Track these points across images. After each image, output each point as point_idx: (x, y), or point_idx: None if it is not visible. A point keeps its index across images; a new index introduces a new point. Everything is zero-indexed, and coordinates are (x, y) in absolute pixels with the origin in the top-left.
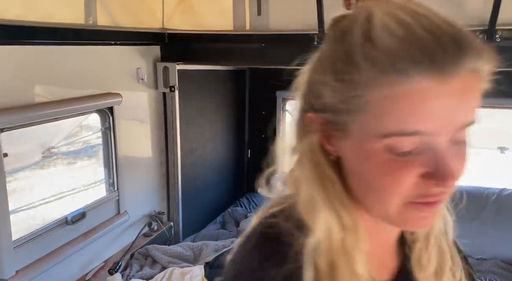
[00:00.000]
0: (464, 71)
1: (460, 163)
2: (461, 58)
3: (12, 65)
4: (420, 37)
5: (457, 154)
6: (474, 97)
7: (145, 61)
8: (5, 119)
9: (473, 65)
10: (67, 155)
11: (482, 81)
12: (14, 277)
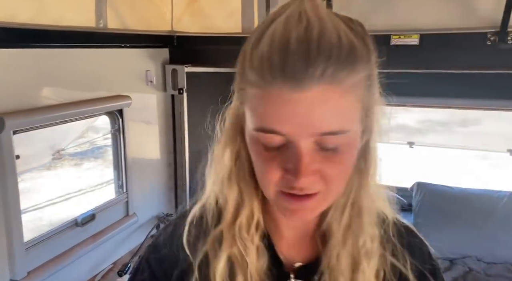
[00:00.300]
0: (318, 82)
1: (329, 167)
2: (308, 70)
3: (24, 68)
4: (283, 48)
5: (326, 159)
6: (335, 106)
7: (154, 64)
8: (18, 122)
9: (327, 77)
10: (74, 156)
11: (349, 91)
12: (26, 278)
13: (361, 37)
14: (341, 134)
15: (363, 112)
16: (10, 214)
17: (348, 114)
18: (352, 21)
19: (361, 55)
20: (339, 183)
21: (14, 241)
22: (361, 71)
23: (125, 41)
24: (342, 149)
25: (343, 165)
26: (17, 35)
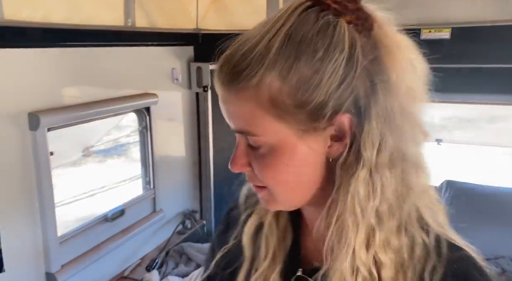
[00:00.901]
0: (222, 87)
1: (256, 166)
2: (214, 75)
3: (56, 67)
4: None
5: (255, 158)
6: (235, 110)
7: (179, 62)
8: (52, 119)
9: (227, 83)
10: (98, 153)
11: (247, 97)
12: (60, 271)
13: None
14: (249, 135)
15: (282, 118)
16: (45, 208)
17: (250, 118)
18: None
19: (259, 59)
20: (274, 183)
21: (49, 235)
22: (266, 77)
23: (152, 39)
24: (266, 151)
25: (270, 168)
26: (51, 35)
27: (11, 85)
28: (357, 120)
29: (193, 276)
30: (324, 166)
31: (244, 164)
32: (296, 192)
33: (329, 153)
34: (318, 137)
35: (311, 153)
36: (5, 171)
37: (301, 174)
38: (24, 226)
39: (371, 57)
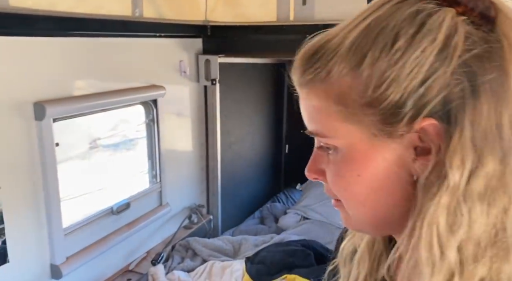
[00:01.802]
0: (298, 85)
1: (328, 173)
2: (294, 73)
3: (62, 57)
4: None
5: (329, 164)
6: (308, 109)
7: (187, 54)
8: (58, 110)
9: (302, 80)
10: (106, 147)
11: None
12: (65, 263)
13: (379, 33)
14: (318, 136)
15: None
16: (50, 200)
17: (319, 117)
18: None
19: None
20: (346, 195)
21: (54, 227)
22: (335, 70)
23: (159, 30)
24: (338, 157)
25: (341, 176)
26: (57, 24)
27: (16, 74)
28: (445, 128)
29: (198, 271)
30: (405, 184)
31: (316, 171)
32: (367, 211)
33: (411, 168)
34: (395, 145)
35: (386, 164)
36: (11, 162)
37: (375, 190)
38: (29, 217)
39: (479, 51)
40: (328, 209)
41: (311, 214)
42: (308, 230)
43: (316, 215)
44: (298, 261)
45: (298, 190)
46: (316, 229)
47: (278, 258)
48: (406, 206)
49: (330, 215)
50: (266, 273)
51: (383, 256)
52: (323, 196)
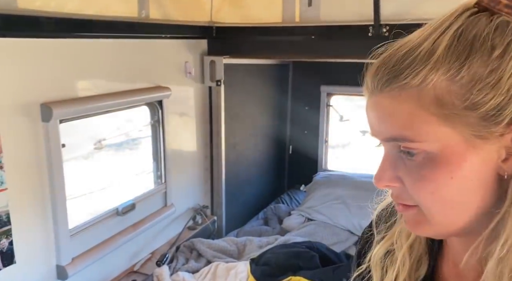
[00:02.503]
0: (379, 91)
1: (409, 180)
2: (373, 79)
3: (68, 59)
4: None
5: (408, 171)
6: (393, 114)
7: (193, 55)
8: (64, 111)
9: (384, 86)
10: (109, 147)
11: (409, 100)
12: (70, 264)
13: (463, 37)
14: (406, 141)
15: (451, 124)
16: (56, 201)
17: (409, 122)
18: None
19: (424, 59)
20: (430, 200)
21: (60, 228)
22: (432, 76)
23: (165, 31)
24: (425, 161)
25: (428, 181)
26: (64, 25)
27: (23, 76)
28: None
29: (203, 272)
30: (492, 184)
31: (392, 178)
32: (455, 213)
33: (501, 168)
34: (492, 146)
35: (483, 165)
36: (17, 163)
37: (466, 191)
38: (36, 218)
39: None
40: (333, 211)
41: (316, 216)
42: (312, 231)
43: (320, 217)
44: (303, 262)
45: (302, 191)
46: (321, 231)
47: (283, 260)
48: (491, 207)
49: (335, 216)
50: (270, 274)
51: (424, 257)
52: (328, 197)
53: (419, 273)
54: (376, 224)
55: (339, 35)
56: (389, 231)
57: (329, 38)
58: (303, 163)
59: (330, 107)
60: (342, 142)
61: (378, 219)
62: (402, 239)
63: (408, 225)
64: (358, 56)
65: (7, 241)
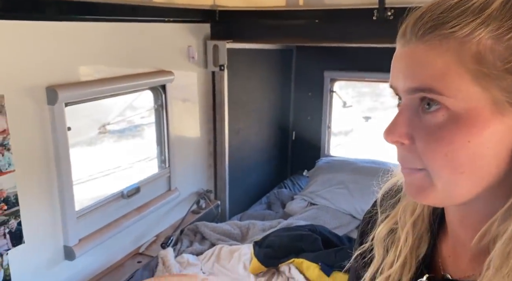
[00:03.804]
0: (415, 40)
1: (422, 139)
2: (411, 28)
3: (72, 42)
4: None
5: (424, 130)
6: (427, 64)
7: (196, 39)
8: (69, 94)
9: (421, 35)
10: (112, 133)
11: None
12: (77, 245)
13: None
14: (433, 94)
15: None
16: (63, 182)
17: (442, 73)
18: None
19: (476, 11)
20: (442, 163)
21: (67, 210)
22: (479, 31)
23: (168, 15)
24: (446, 119)
25: (444, 141)
26: (67, 8)
27: (28, 59)
28: None
29: (207, 255)
30: (509, 158)
31: (404, 134)
32: (464, 180)
33: None
34: None
35: (505, 135)
36: (25, 146)
37: (480, 158)
38: (43, 200)
39: None
40: (335, 195)
41: (318, 200)
42: (315, 215)
43: (323, 201)
44: (306, 245)
45: (305, 177)
46: (323, 215)
47: (286, 242)
48: (499, 183)
49: (337, 201)
50: (273, 256)
51: (425, 235)
52: (330, 182)
53: (420, 251)
54: (380, 204)
55: (343, 19)
56: (393, 210)
57: (333, 22)
58: (306, 149)
59: (333, 93)
60: (345, 129)
61: (382, 198)
62: (406, 216)
63: (411, 192)
64: (362, 40)
65: (16, 222)
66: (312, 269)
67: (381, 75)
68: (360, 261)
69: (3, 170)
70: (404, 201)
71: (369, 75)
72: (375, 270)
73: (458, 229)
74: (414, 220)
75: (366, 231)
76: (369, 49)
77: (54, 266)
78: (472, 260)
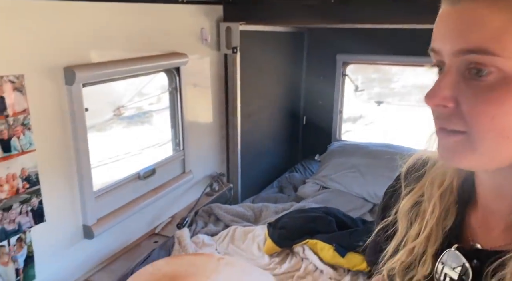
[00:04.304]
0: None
1: (468, 102)
2: None
3: (88, 22)
4: None
5: (471, 93)
6: (480, 23)
7: (209, 21)
8: (87, 75)
9: None
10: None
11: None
12: (96, 224)
13: None
14: (487, 54)
15: None
16: (81, 162)
17: (500, 33)
18: None
19: None
20: (486, 127)
21: (85, 190)
22: None
23: None
24: (497, 81)
25: (493, 104)
26: None
27: (46, 39)
28: None
29: (221, 235)
30: None
31: (448, 97)
32: (506, 145)
33: None
34: None
35: None
36: (44, 125)
37: None
38: (62, 179)
39: None
40: (347, 179)
41: (330, 184)
42: (327, 198)
43: (335, 185)
44: (320, 227)
45: (316, 161)
46: (335, 198)
47: (300, 224)
48: None
49: (349, 184)
50: (288, 237)
51: (453, 206)
52: (342, 166)
53: (447, 223)
54: (404, 177)
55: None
56: (417, 183)
57: (349, 2)
58: (316, 134)
59: (345, 77)
60: (354, 116)
61: (407, 172)
62: (433, 188)
63: (446, 154)
64: (378, 21)
65: (37, 200)
66: (326, 250)
67: (396, 58)
68: (383, 235)
69: (24, 149)
70: (432, 173)
71: (383, 58)
72: (398, 243)
73: (491, 200)
74: (442, 192)
75: (389, 205)
76: (383, 30)
77: (74, 244)
78: (505, 230)
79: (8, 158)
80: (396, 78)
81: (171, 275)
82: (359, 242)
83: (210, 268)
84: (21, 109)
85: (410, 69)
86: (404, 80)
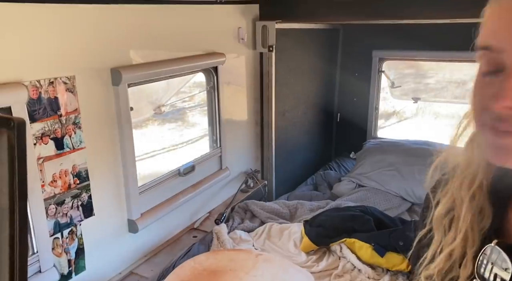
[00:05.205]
0: None
1: None
2: None
3: (131, 25)
4: None
5: None
6: None
7: (245, 20)
8: (132, 75)
9: None
10: (156, 117)
11: None
12: (140, 219)
13: None
14: None
15: None
16: (127, 159)
17: None
18: None
19: None
20: None
21: (130, 185)
22: None
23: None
24: None
25: None
26: None
27: (94, 41)
28: None
29: (258, 232)
30: None
31: None
32: None
33: None
34: None
35: None
36: (93, 124)
37: None
38: (109, 175)
39: None
40: (384, 177)
41: (367, 182)
42: (364, 197)
43: (371, 183)
44: (358, 225)
45: (350, 159)
46: (372, 196)
47: (337, 222)
48: None
49: (386, 183)
50: (325, 235)
51: (486, 207)
52: (379, 164)
53: (483, 225)
54: (440, 186)
55: None
56: (450, 189)
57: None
58: (351, 131)
59: (381, 73)
60: (390, 111)
61: (437, 183)
62: (463, 192)
63: (501, 154)
64: (415, 17)
65: (87, 195)
66: (364, 249)
67: (433, 53)
68: (423, 242)
69: (75, 147)
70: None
71: (420, 54)
72: (434, 250)
73: None
74: (472, 194)
75: (426, 211)
76: (419, 25)
77: (120, 237)
78: None
79: (61, 155)
80: (430, 73)
81: (211, 270)
82: (399, 242)
83: (248, 264)
84: (72, 108)
85: (445, 64)
86: (440, 76)
